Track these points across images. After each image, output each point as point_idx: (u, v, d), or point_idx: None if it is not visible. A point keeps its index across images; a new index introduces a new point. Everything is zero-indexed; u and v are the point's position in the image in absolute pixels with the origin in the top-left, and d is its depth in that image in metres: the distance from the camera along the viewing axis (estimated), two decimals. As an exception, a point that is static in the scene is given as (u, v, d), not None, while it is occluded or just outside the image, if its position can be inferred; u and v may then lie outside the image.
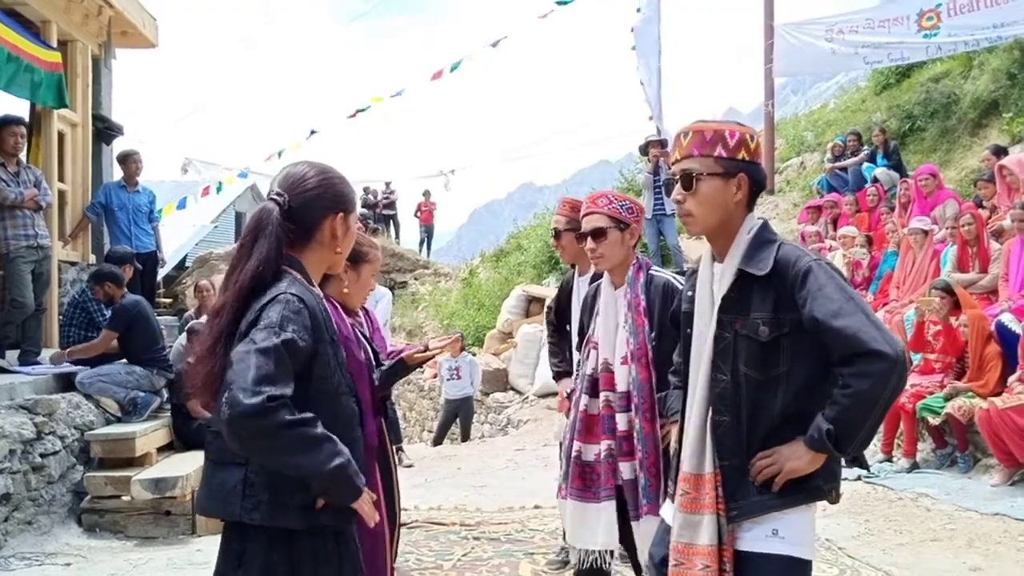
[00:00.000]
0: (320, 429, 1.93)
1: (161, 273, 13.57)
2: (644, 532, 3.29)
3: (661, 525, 2.49)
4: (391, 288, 21.25)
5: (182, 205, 12.82)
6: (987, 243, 7.85)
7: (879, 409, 2.12)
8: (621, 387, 3.40)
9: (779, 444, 2.22)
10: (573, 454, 3.48)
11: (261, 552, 2.01)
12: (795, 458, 2.18)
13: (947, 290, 7.04)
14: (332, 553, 2.06)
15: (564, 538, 4.07)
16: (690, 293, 2.45)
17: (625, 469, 3.37)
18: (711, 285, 2.36)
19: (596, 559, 3.42)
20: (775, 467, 2.21)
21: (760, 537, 2.24)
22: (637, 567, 3.54)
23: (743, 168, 2.32)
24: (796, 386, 2.21)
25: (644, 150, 11.42)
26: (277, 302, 1.99)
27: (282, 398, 1.87)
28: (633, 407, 3.36)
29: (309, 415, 1.92)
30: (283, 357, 1.91)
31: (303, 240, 2.16)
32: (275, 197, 2.13)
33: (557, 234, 4.59)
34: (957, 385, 6.64)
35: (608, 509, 3.40)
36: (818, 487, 2.24)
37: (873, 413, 2.12)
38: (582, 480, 3.46)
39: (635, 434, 3.34)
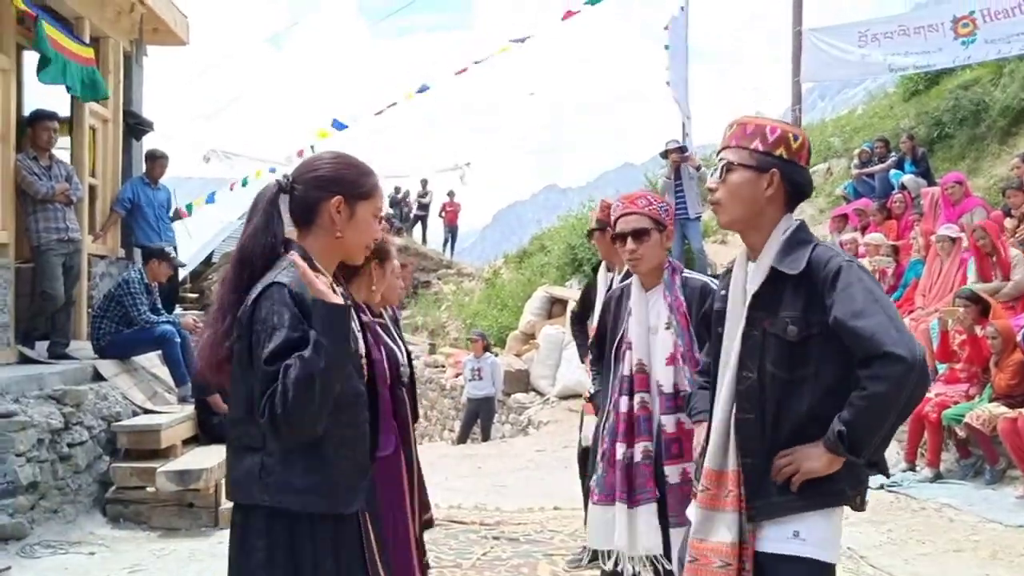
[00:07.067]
0: (295, 368, 1.95)
1: (184, 271, 13.70)
2: None
3: (688, 526, 2.48)
4: (415, 288, 21.34)
5: (211, 200, 12.93)
6: (1005, 251, 7.77)
7: (894, 414, 2.10)
8: (667, 388, 3.33)
9: (803, 444, 2.20)
10: (618, 457, 3.37)
11: (263, 534, 2.07)
12: (812, 459, 2.17)
13: (972, 299, 6.97)
14: (328, 538, 2.09)
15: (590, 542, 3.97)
16: (723, 292, 2.45)
17: (672, 473, 3.28)
18: (744, 284, 2.35)
19: (634, 566, 3.31)
20: (793, 467, 2.19)
21: (781, 538, 2.22)
22: None
23: (777, 164, 2.29)
24: (824, 387, 2.19)
25: (665, 155, 11.38)
26: (266, 297, 2.03)
27: (273, 397, 1.94)
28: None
29: (284, 369, 1.96)
30: (283, 356, 1.97)
31: (307, 223, 2.19)
32: (279, 179, 2.20)
33: (590, 233, 4.64)
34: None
35: (650, 513, 3.30)
36: (842, 491, 2.21)
37: (888, 418, 2.10)
38: (629, 483, 3.34)
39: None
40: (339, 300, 2.03)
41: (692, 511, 2.42)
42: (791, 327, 2.21)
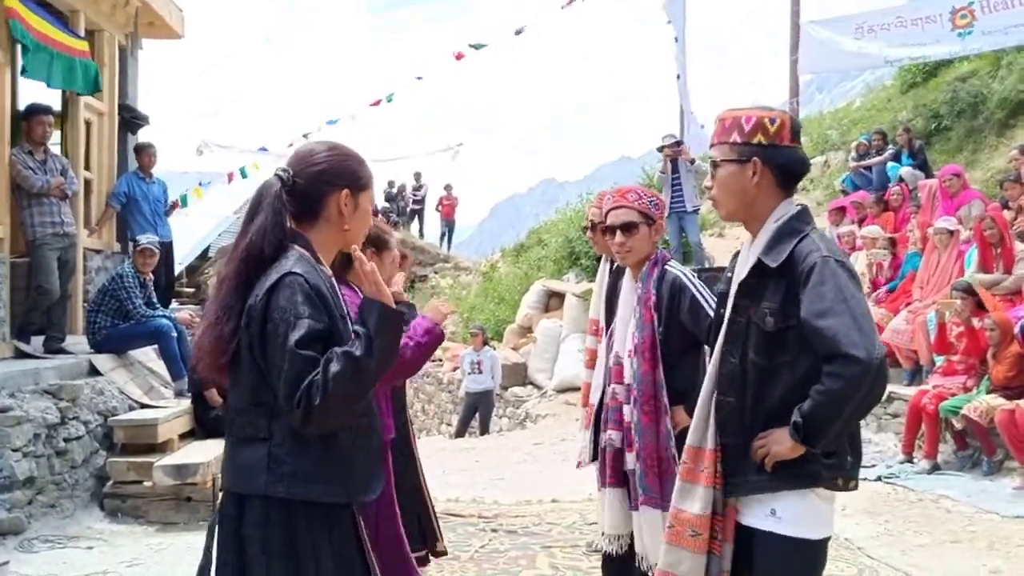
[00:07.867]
0: (339, 362, 1.94)
1: (180, 266, 13.66)
2: (643, 523, 3.34)
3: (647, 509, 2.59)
4: (412, 282, 21.35)
5: (205, 187, 12.92)
6: (1011, 243, 7.77)
7: (849, 410, 2.17)
8: (627, 379, 3.44)
9: (778, 427, 2.27)
10: (602, 444, 3.59)
11: (260, 525, 2.05)
12: (780, 443, 2.25)
13: (969, 291, 6.98)
14: (324, 528, 2.08)
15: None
16: (729, 275, 2.49)
17: (629, 459, 3.43)
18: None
19: (618, 548, 3.50)
20: (764, 449, 2.28)
21: (760, 515, 2.31)
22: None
23: (756, 152, 2.33)
24: (800, 375, 2.25)
25: (662, 150, 11.37)
26: (284, 286, 2.01)
27: (311, 388, 1.92)
28: (632, 399, 3.39)
29: (325, 363, 1.95)
30: (310, 346, 1.97)
31: (311, 217, 2.18)
32: (279, 173, 2.17)
33: (593, 226, 4.61)
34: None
35: (611, 496, 3.51)
36: (816, 472, 2.27)
37: (842, 413, 2.17)
38: (604, 467, 3.57)
39: (633, 426, 3.38)
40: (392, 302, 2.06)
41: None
42: (769, 318, 2.27)
